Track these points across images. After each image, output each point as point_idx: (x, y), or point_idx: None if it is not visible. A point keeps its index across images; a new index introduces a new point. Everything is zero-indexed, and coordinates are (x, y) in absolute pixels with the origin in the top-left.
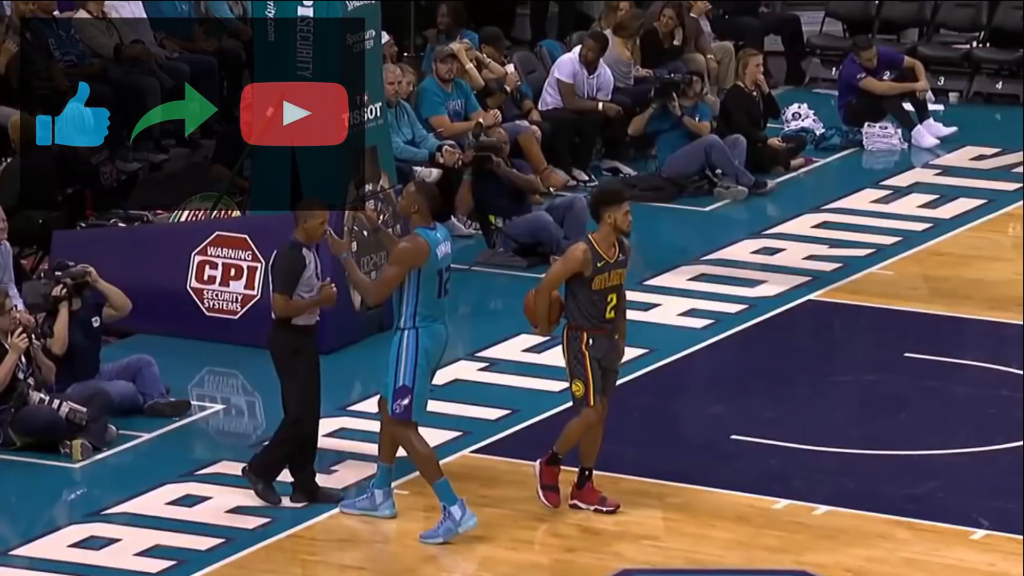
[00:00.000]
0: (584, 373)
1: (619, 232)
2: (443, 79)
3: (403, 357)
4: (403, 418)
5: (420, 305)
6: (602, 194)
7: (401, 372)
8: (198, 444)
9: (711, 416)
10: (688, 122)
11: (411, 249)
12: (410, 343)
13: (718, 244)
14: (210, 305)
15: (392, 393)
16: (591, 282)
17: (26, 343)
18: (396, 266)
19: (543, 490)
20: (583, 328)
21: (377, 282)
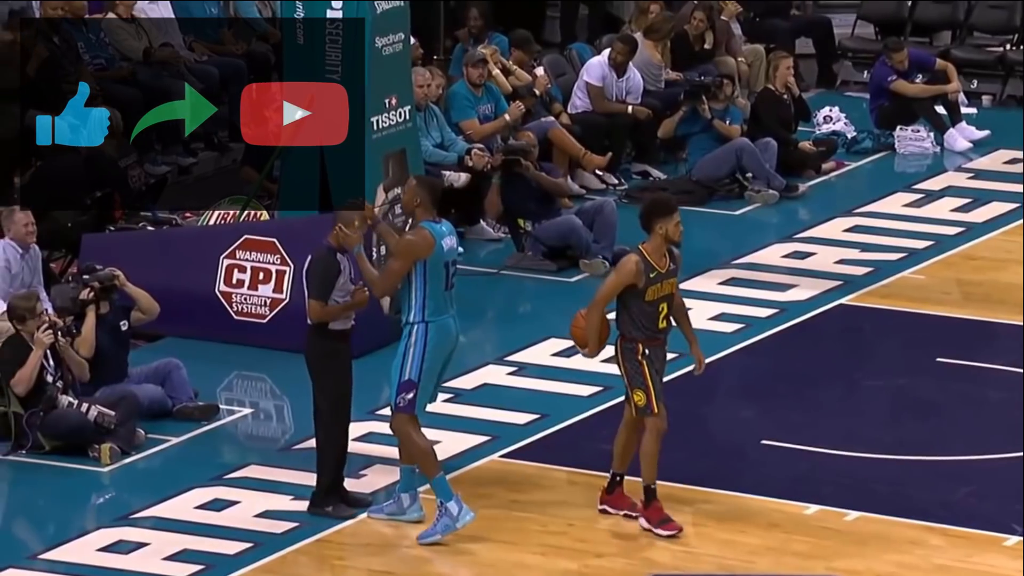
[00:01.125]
0: (644, 382)
1: (670, 242)
2: (474, 83)
3: (412, 351)
4: (406, 411)
5: (428, 298)
6: (653, 205)
7: (408, 366)
8: (226, 448)
9: (741, 421)
10: (718, 125)
11: (415, 242)
12: (419, 337)
13: (748, 248)
14: (238, 309)
15: (397, 386)
16: (644, 293)
17: (51, 339)
18: (401, 259)
19: (660, 527)
20: (637, 339)
21: (382, 275)
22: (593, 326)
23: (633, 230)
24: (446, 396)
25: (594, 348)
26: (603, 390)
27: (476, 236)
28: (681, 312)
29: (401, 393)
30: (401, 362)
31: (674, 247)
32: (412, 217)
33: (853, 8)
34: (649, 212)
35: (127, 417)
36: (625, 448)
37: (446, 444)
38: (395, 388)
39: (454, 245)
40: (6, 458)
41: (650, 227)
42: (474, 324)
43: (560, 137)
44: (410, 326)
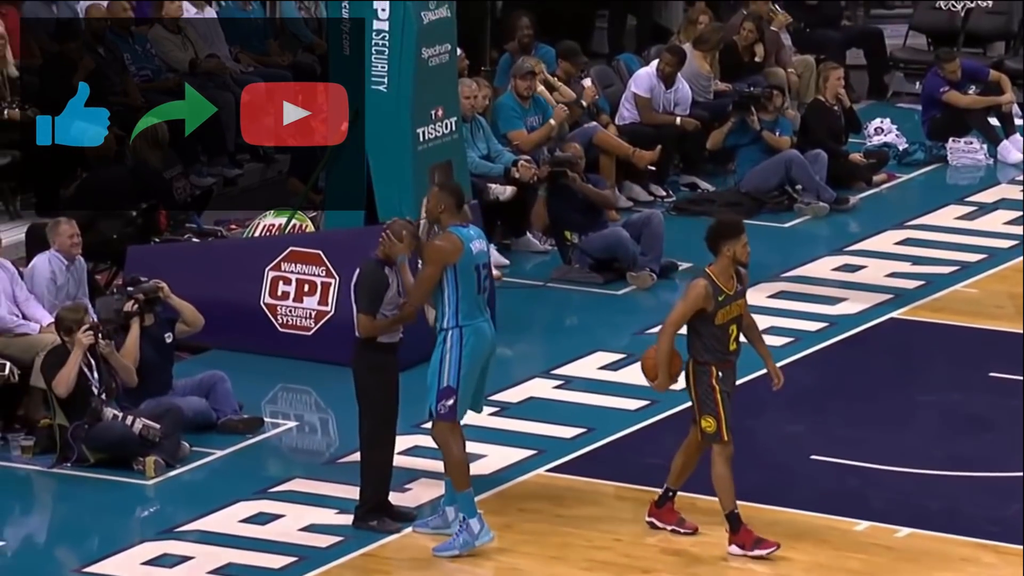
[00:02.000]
0: (716, 408)
1: (738, 264)
2: (521, 95)
3: (448, 357)
4: (447, 418)
5: (461, 303)
6: (721, 227)
7: (446, 372)
8: (271, 461)
9: (790, 435)
10: (768, 136)
11: (443, 247)
12: (454, 343)
13: (798, 261)
14: (284, 321)
15: (436, 393)
16: (713, 317)
17: (91, 339)
18: (431, 265)
19: (756, 548)
20: (710, 363)
21: (415, 283)
22: (663, 355)
23: (680, 242)
24: (492, 409)
25: (664, 381)
26: (650, 404)
27: (522, 248)
28: (752, 330)
29: (441, 400)
30: (438, 369)
31: (741, 267)
32: (438, 224)
33: (905, 19)
34: (716, 234)
35: (172, 430)
36: (684, 467)
37: (491, 458)
38: (434, 396)
39: (483, 248)
40: (51, 470)
41: (717, 249)
42: (520, 337)
43: (606, 139)
44: (444, 332)
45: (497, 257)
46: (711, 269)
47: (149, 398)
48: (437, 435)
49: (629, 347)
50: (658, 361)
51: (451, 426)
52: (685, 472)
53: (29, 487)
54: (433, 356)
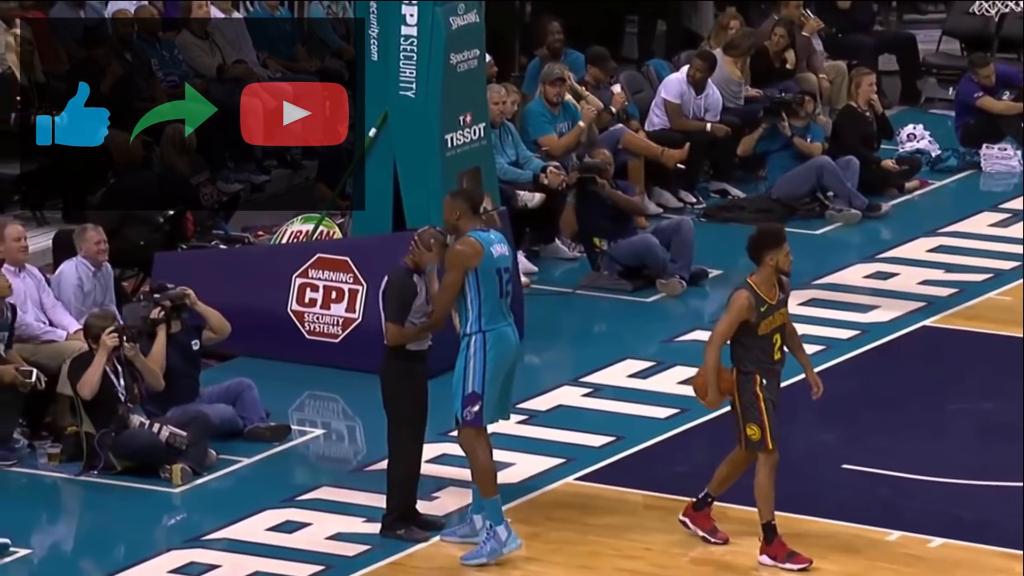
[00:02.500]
0: (760, 416)
1: (780, 273)
2: (551, 102)
3: (472, 363)
4: (474, 424)
5: (484, 307)
6: (764, 237)
7: (470, 378)
8: (298, 469)
9: (821, 444)
10: (799, 143)
11: (464, 251)
12: (478, 348)
13: (830, 268)
14: (311, 328)
15: (462, 400)
16: (757, 328)
17: (115, 340)
18: (453, 270)
19: (788, 561)
20: (754, 372)
21: (439, 290)
22: (710, 370)
23: (711, 249)
24: (520, 417)
25: (715, 398)
26: (680, 412)
27: (551, 255)
28: (793, 338)
29: (467, 407)
30: (463, 375)
31: (783, 276)
32: (456, 232)
33: (938, 23)
34: (759, 243)
35: (198, 437)
36: (727, 476)
37: (520, 466)
38: (459, 402)
39: (505, 252)
40: (78, 478)
41: (760, 258)
42: (549, 344)
43: (633, 141)
44: (468, 337)
45: (526, 264)
46: (753, 279)
47: (176, 405)
48: (464, 442)
49: (658, 355)
50: (706, 377)
51: (477, 432)
52: (728, 481)
53: (56, 495)
54: (457, 362)
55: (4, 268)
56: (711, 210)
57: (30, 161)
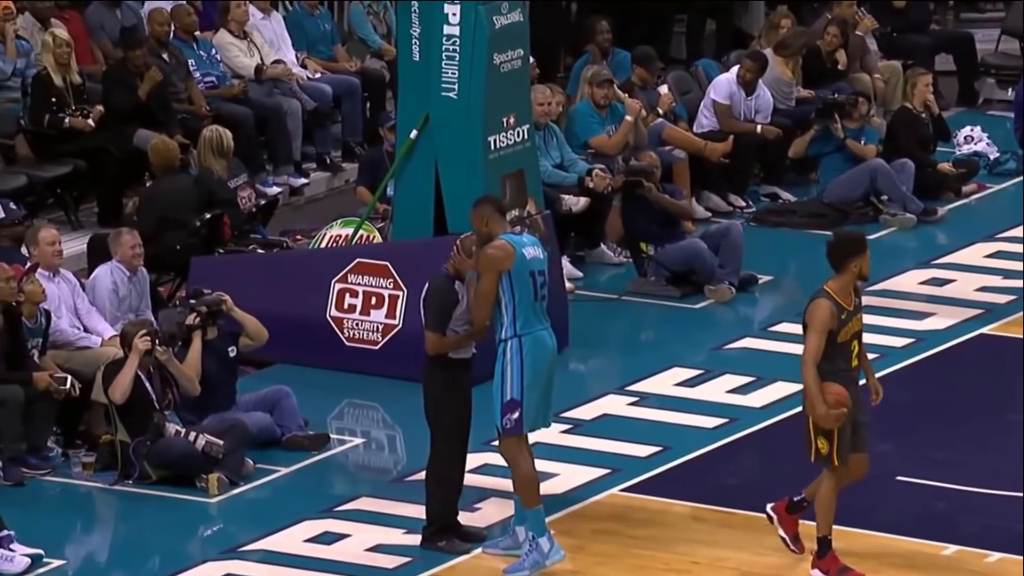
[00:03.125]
0: (831, 430)
1: (861, 279)
2: (598, 104)
3: (509, 369)
4: (514, 432)
5: (518, 311)
6: (848, 244)
7: (508, 385)
8: (337, 479)
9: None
10: (852, 145)
11: (495, 254)
12: (514, 353)
13: (884, 274)
14: (350, 335)
15: (501, 407)
16: (837, 335)
17: (147, 344)
18: (487, 274)
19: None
20: (831, 381)
21: (475, 298)
22: (812, 391)
23: (761, 254)
24: (564, 426)
25: (827, 411)
26: (728, 422)
27: (596, 260)
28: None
29: (506, 414)
30: (500, 382)
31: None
32: (488, 239)
33: (997, 22)
34: (842, 250)
35: (236, 446)
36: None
37: (564, 477)
38: (499, 410)
39: (538, 254)
40: (112, 487)
41: (843, 265)
42: (594, 352)
43: (675, 134)
44: (503, 343)
45: (570, 269)
46: (830, 287)
47: (212, 413)
48: (505, 451)
49: (706, 363)
50: (811, 398)
51: (519, 441)
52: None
53: (90, 504)
54: (495, 370)
55: (38, 273)
56: (761, 214)
57: (65, 163)
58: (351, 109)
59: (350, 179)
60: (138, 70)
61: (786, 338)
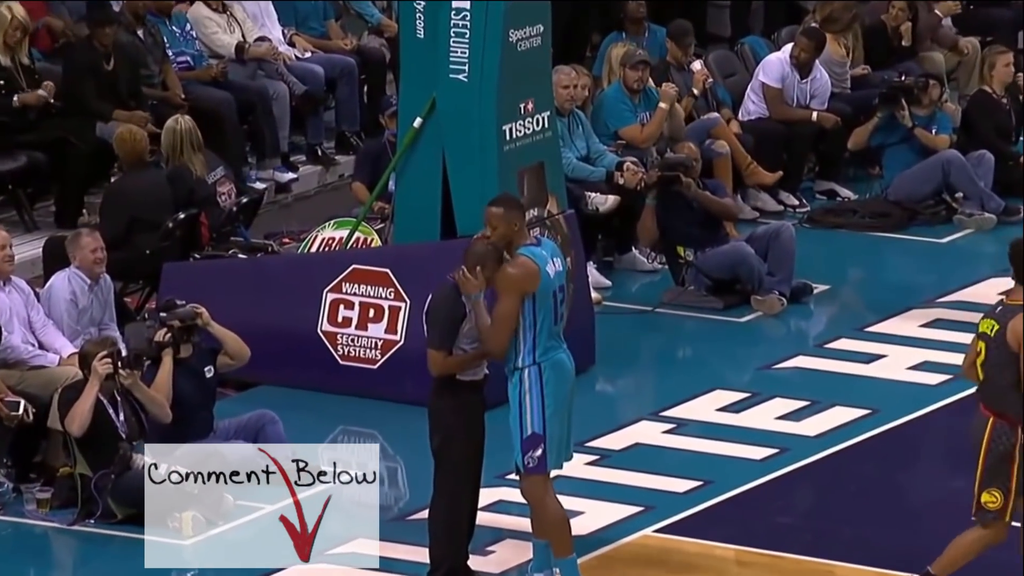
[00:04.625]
0: (1008, 482)
1: None
2: (631, 89)
3: (527, 400)
4: (538, 472)
5: (539, 337)
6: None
7: (528, 418)
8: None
9: (949, 492)
10: (922, 134)
11: (518, 275)
12: (533, 382)
13: (958, 283)
14: (345, 352)
15: (521, 444)
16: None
17: (108, 367)
18: (510, 297)
19: None
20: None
21: (492, 324)
22: None
23: (815, 260)
24: (591, 457)
25: None
26: (778, 453)
27: (627, 267)
28: None
29: (528, 452)
30: (519, 415)
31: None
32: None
33: None
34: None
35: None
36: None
37: (589, 515)
38: (519, 447)
39: (559, 268)
40: (72, 528)
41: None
42: (624, 372)
43: (725, 135)
44: (519, 372)
45: (597, 278)
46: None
47: (187, 442)
48: (529, 492)
49: (753, 384)
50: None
51: (544, 480)
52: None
53: (46, 547)
54: (511, 401)
55: None
56: (816, 214)
57: (18, 156)
58: (346, 93)
59: (345, 174)
60: (106, 50)
61: (845, 356)
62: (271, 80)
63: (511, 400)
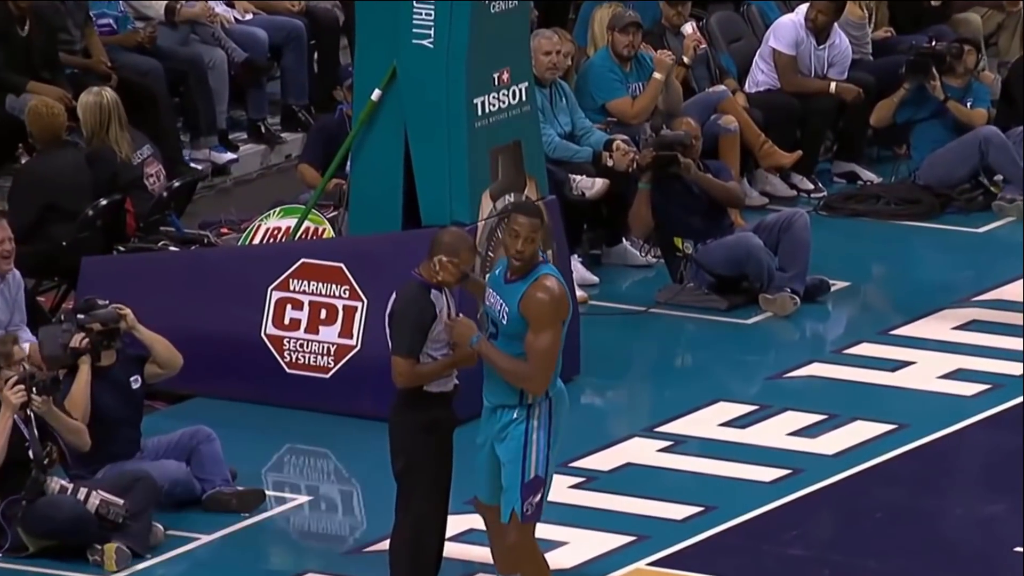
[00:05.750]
0: None
1: None
2: (621, 55)
3: (535, 438)
4: (533, 520)
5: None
6: None
7: (533, 460)
8: (275, 550)
9: (985, 519)
10: (955, 108)
11: (559, 299)
12: (543, 420)
13: (996, 279)
14: (293, 359)
15: (521, 489)
16: None
17: (22, 397)
18: (553, 328)
19: None
20: None
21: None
22: None
23: (833, 253)
24: (576, 479)
25: None
26: (791, 474)
27: (617, 261)
28: None
29: (527, 497)
30: (521, 455)
31: None
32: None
33: None
34: None
35: (141, 507)
36: None
37: (574, 546)
38: (518, 492)
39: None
40: None
41: None
42: (614, 382)
43: (734, 110)
44: (526, 408)
45: (584, 274)
46: None
47: (110, 463)
48: (521, 543)
49: (761, 396)
50: None
51: (531, 528)
52: None
53: None
54: (512, 438)
55: None
56: (835, 200)
57: None
58: (293, 62)
59: (292, 154)
60: (21, 13)
61: (867, 363)
62: (207, 46)
63: (513, 437)
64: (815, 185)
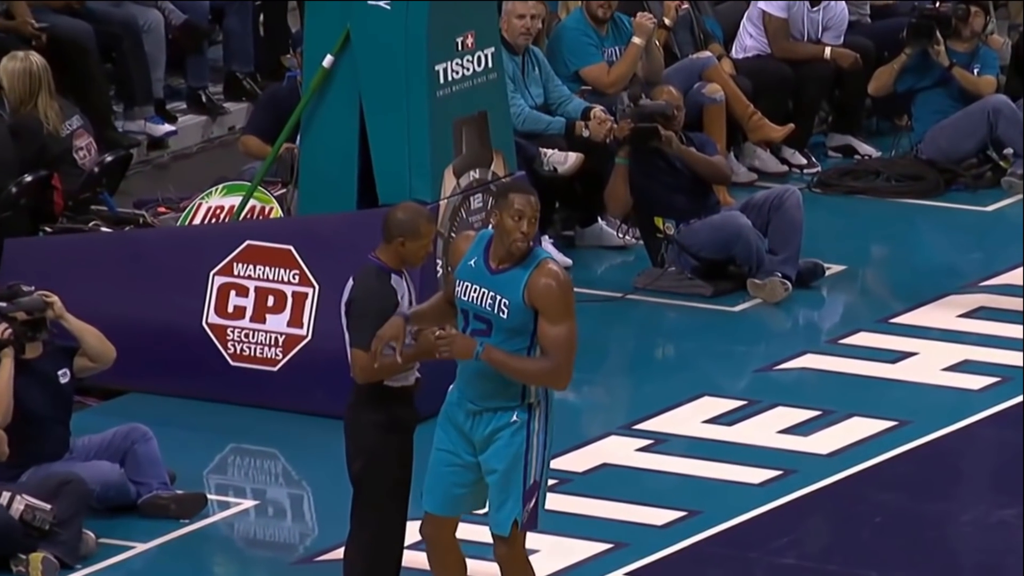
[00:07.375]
0: None
1: None
2: (596, 18)
3: (535, 442)
4: (531, 528)
5: None
6: None
7: (533, 465)
8: (218, 559)
9: (996, 524)
10: (961, 76)
11: (568, 284)
12: (541, 423)
13: (1006, 263)
14: (237, 350)
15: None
16: None
17: None
18: (571, 315)
19: None
20: None
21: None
22: None
23: (829, 233)
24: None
25: None
26: (781, 475)
27: (592, 243)
28: None
29: (526, 504)
30: (523, 460)
31: None
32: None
33: None
34: None
35: (70, 513)
36: None
37: (547, 554)
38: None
39: None
40: None
41: None
42: (590, 375)
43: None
44: (528, 410)
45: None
46: None
47: (35, 465)
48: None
49: (750, 390)
50: None
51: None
52: None
53: None
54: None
55: None
56: (829, 176)
57: None
58: (237, 24)
59: (236, 126)
60: None
61: (864, 354)
62: (142, 7)
63: (511, 442)
64: (808, 160)
